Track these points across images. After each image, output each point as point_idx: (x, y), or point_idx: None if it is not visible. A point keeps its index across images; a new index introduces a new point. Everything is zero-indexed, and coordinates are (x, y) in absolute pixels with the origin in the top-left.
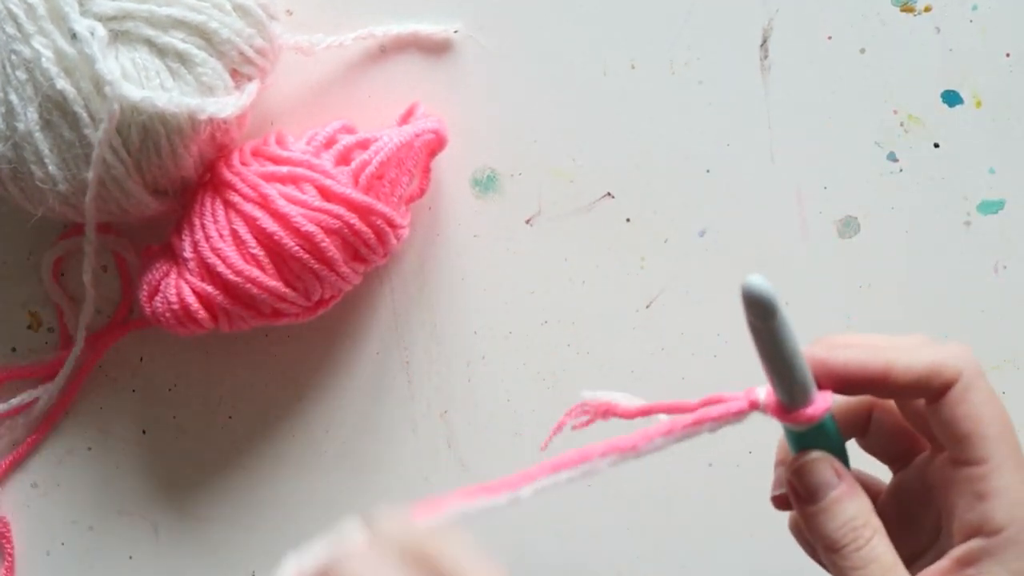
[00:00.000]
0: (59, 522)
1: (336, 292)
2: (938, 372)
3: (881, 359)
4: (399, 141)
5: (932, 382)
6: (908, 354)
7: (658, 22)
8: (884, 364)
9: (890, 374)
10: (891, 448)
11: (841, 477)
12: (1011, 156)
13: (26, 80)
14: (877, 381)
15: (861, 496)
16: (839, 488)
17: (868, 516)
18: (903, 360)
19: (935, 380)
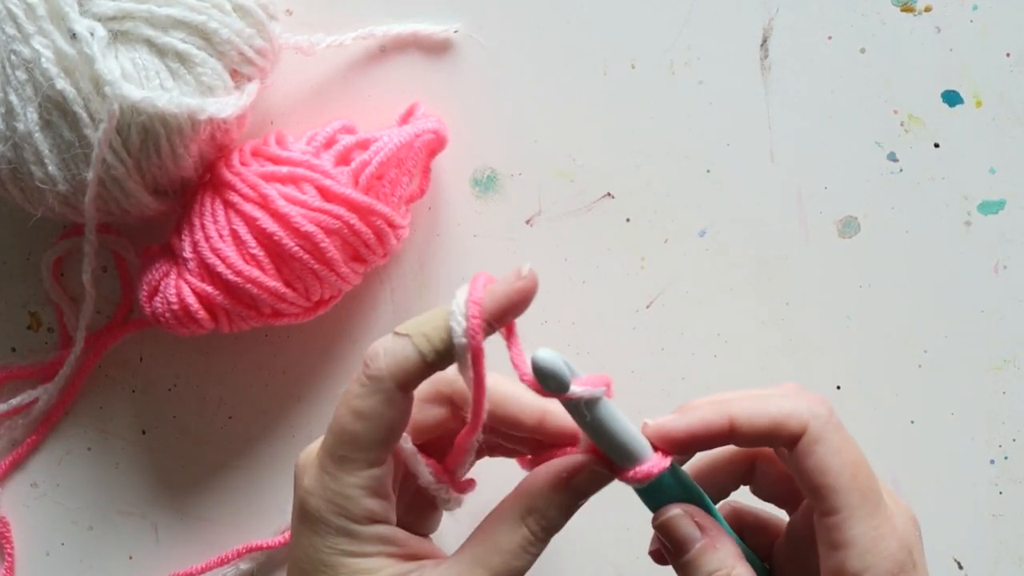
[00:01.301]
0: (59, 522)
1: (336, 292)
2: (782, 424)
3: (725, 415)
4: (399, 141)
5: (778, 434)
6: (753, 407)
7: (658, 22)
8: (727, 420)
9: (734, 428)
10: (779, 493)
11: (704, 530)
12: (1011, 156)
13: (26, 80)
14: (723, 435)
15: (725, 546)
16: (701, 542)
17: (731, 565)
18: (746, 414)
19: (781, 432)
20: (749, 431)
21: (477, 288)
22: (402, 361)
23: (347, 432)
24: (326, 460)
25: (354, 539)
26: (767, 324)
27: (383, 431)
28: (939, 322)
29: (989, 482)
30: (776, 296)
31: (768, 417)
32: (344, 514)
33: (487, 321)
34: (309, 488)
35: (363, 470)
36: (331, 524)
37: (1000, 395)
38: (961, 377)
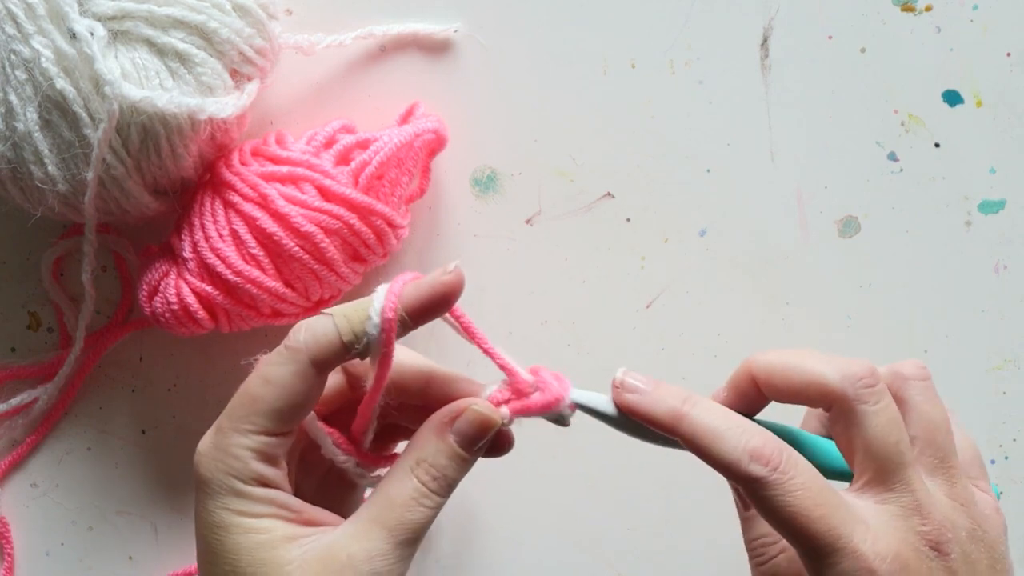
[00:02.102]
0: (59, 522)
1: (336, 292)
2: None
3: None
4: (399, 141)
5: None
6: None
7: (658, 22)
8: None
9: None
10: None
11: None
12: (1012, 156)
13: (26, 80)
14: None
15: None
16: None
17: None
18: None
19: None
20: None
21: (398, 281)
22: (320, 338)
23: (250, 394)
24: (223, 419)
25: (243, 498)
26: (767, 324)
27: (285, 401)
28: (939, 322)
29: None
30: (776, 296)
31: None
32: (232, 473)
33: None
34: (201, 450)
35: (256, 435)
36: (220, 484)
37: (1000, 395)
38: (961, 377)
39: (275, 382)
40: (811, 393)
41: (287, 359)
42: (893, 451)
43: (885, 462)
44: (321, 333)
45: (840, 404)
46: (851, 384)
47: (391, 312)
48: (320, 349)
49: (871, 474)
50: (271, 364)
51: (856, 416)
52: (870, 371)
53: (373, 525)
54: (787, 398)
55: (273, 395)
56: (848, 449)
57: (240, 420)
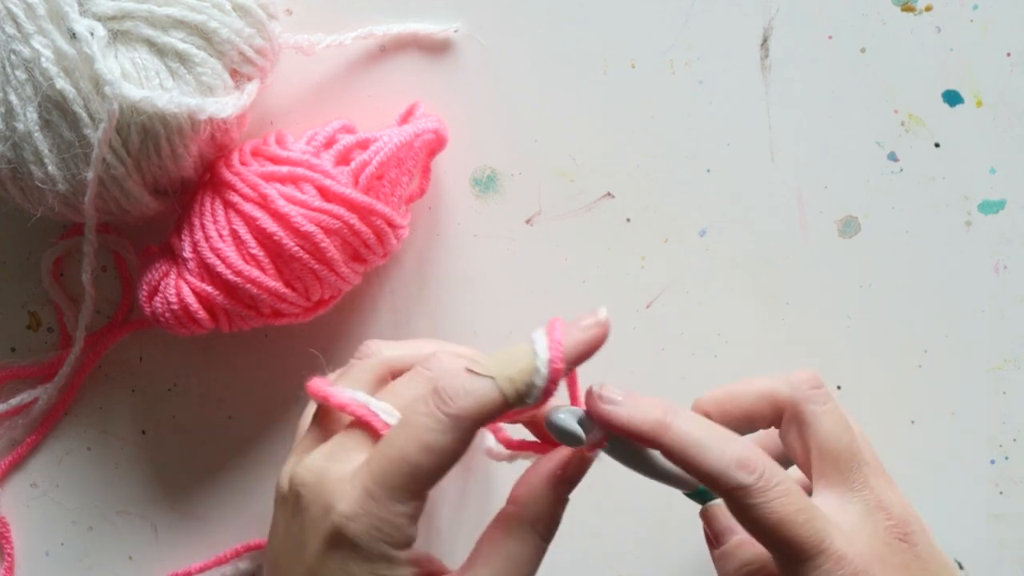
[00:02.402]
0: (59, 522)
1: (336, 292)
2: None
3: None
4: (399, 141)
5: None
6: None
7: (658, 22)
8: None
9: None
10: None
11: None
12: (1012, 156)
13: (25, 80)
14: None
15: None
16: (739, 535)
17: (763, 562)
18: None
19: None
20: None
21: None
22: (486, 403)
23: (410, 463)
24: (374, 486)
25: (392, 564)
26: (767, 324)
27: (448, 467)
28: (939, 322)
29: (989, 482)
30: (776, 296)
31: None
32: (388, 540)
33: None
34: (349, 514)
35: (416, 500)
36: (373, 550)
37: (1000, 395)
38: (961, 377)
39: (438, 451)
40: (762, 408)
41: (450, 427)
42: (847, 450)
43: (842, 462)
44: (488, 399)
45: (790, 410)
46: (798, 389)
47: (559, 363)
48: (485, 415)
49: (829, 475)
50: (431, 431)
51: (807, 418)
52: (814, 375)
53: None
54: (740, 423)
55: (437, 463)
56: (803, 454)
57: (400, 489)
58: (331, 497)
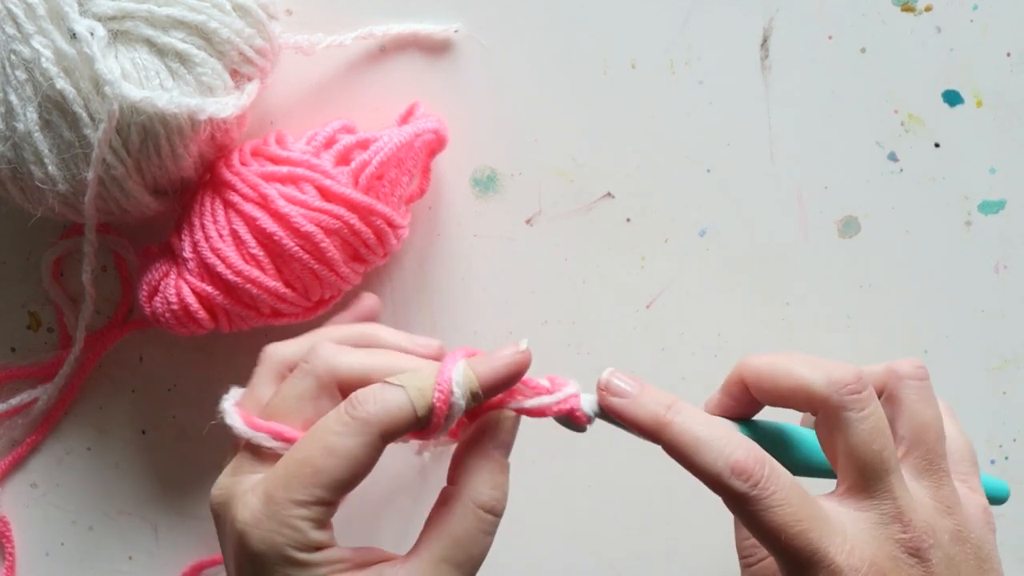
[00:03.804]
0: (59, 522)
1: (336, 292)
2: None
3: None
4: (399, 141)
5: None
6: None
7: (658, 22)
8: None
9: None
10: None
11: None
12: (1012, 156)
13: (26, 80)
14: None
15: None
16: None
17: None
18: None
19: None
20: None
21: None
22: (394, 411)
23: (312, 465)
24: (275, 489)
25: (302, 567)
26: (767, 324)
27: (350, 473)
28: (939, 322)
29: None
30: (776, 296)
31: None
32: (291, 544)
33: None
34: (248, 520)
35: (316, 505)
36: (278, 556)
37: (1000, 395)
38: (961, 377)
39: (341, 454)
40: (798, 398)
41: (355, 431)
42: (876, 459)
43: (867, 469)
44: (395, 406)
45: (825, 410)
46: (836, 390)
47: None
48: (392, 422)
49: (852, 480)
50: (335, 434)
51: (840, 422)
52: (856, 377)
53: (443, 564)
54: (776, 402)
55: (339, 467)
56: (832, 454)
57: (298, 491)
58: (235, 510)
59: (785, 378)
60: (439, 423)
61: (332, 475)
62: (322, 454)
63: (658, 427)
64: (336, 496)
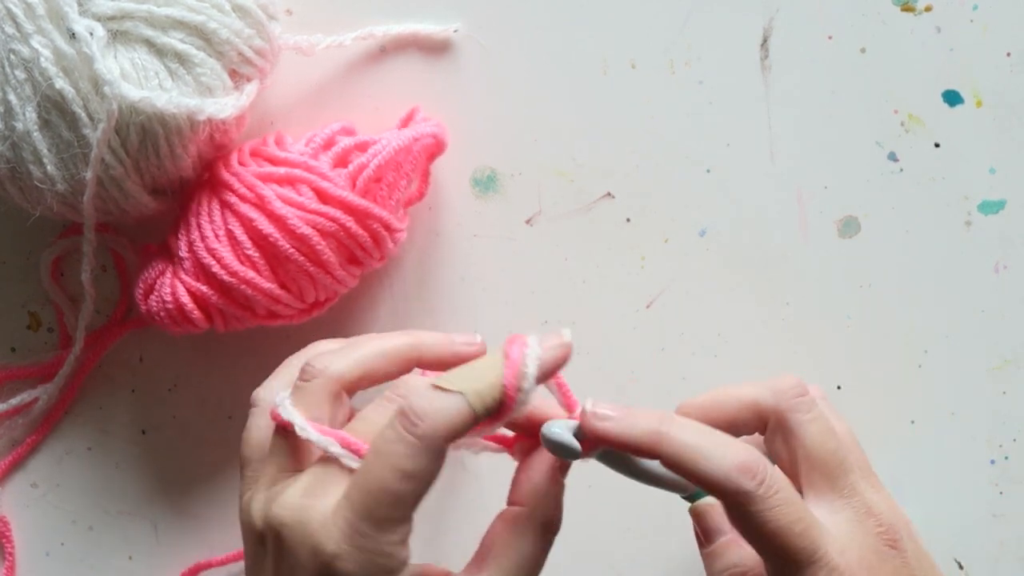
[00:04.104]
0: (59, 522)
1: (332, 294)
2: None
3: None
4: (397, 144)
5: None
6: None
7: (658, 22)
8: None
9: None
10: None
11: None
12: (1012, 156)
13: (25, 80)
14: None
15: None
16: (728, 536)
17: (749, 566)
18: None
19: None
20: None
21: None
22: (455, 420)
23: (391, 493)
24: (360, 522)
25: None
26: (767, 324)
27: (427, 488)
28: (939, 322)
29: (989, 482)
30: (776, 296)
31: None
32: (384, 571)
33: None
34: (339, 554)
35: (403, 525)
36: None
37: (1000, 395)
38: (961, 377)
39: (417, 475)
40: (746, 416)
41: (422, 450)
42: (833, 458)
43: (829, 470)
44: (456, 416)
45: (775, 418)
46: (782, 397)
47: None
48: (455, 432)
49: (818, 484)
50: (406, 458)
51: (792, 427)
52: (798, 382)
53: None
54: (724, 431)
55: (417, 488)
56: (790, 464)
57: (384, 520)
58: (317, 538)
59: (732, 402)
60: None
61: (410, 497)
62: (397, 480)
63: (654, 441)
64: (415, 509)
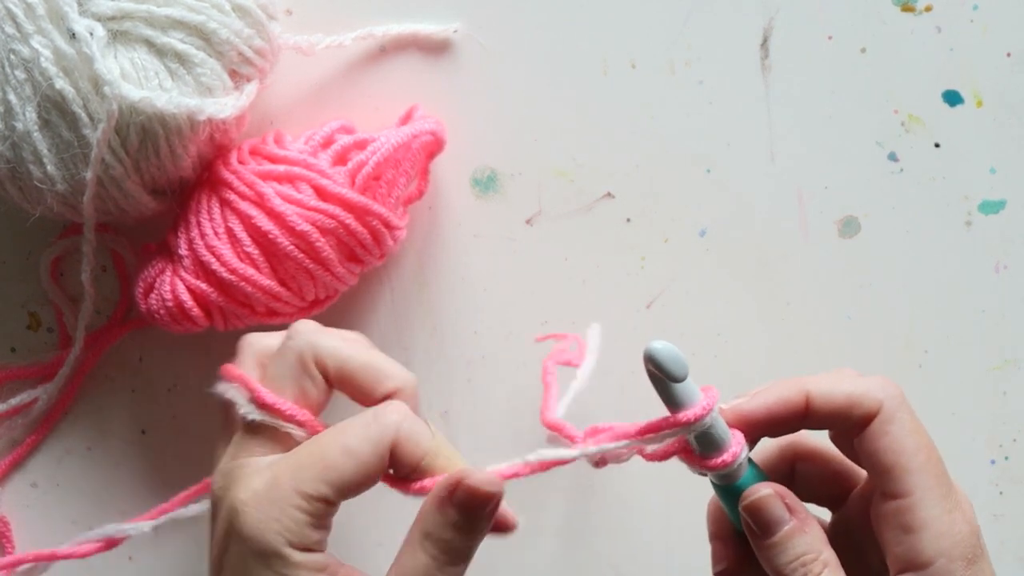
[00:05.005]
0: (59, 522)
1: (332, 292)
2: (858, 403)
3: (801, 392)
4: (396, 142)
5: (852, 413)
6: (828, 385)
7: (658, 22)
8: (804, 396)
9: (811, 406)
10: (821, 492)
11: (793, 512)
12: (1012, 156)
13: (25, 80)
14: (799, 414)
15: (813, 530)
16: (790, 524)
17: (819, 550)
18: (822, 390)
19: (855, 411)
20: (825, 408)
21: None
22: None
23: (325, 460)
24: (283, 475)
25: (289, 566)
26: (767, 324)
27: (361, 477)
28: (939, 322)
29: (989, 482)
30: (776, 296)
31: (844, 394)
32: (284, 536)
33: None
34: (247, 501)
35: (319, 501)
36: (268, 546)
37: (1000, 395)
38: (961, 377)
39: (357, 457)
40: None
41: (375, 436)
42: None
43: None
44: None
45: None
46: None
47: None
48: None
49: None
50: (356, 436)
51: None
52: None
53: None
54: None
55: (351, 468)
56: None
57: (306, 482)
58: (235, 489)
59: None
60: None
61: (342, 474)
62: (339, 452)
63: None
64: (340, 496)
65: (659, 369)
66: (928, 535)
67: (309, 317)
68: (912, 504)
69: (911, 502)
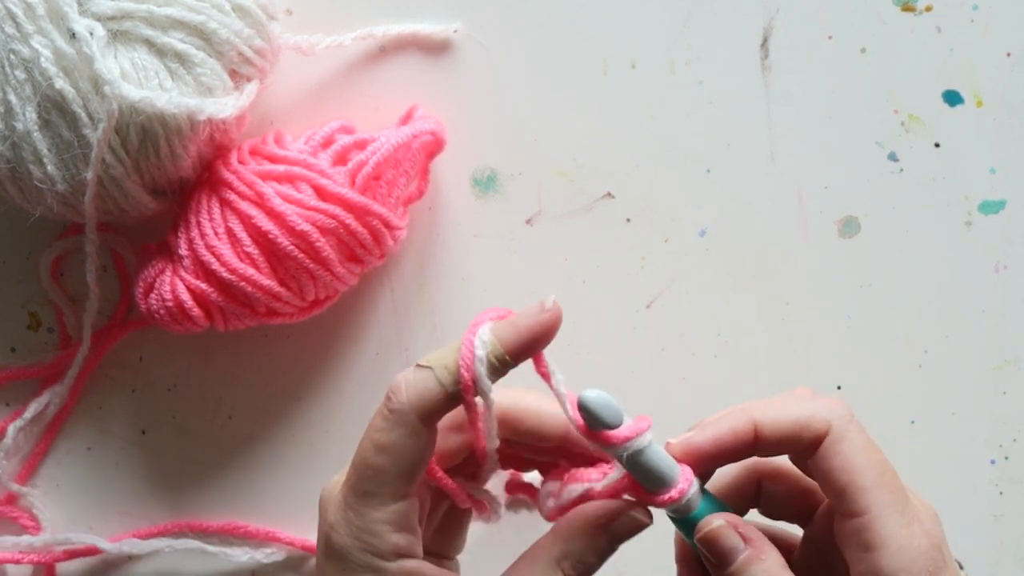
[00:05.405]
0: (59, 522)
1: (332, 292)
2: (806, 426)
3: (748, 421)
4: (396, 142)
5: (802, 436)
6: (775, 412)
7: (658, 22)
8: (751, 425)
9: (759, 433)
10: (789, 509)
11: (748, 541)
12: (1012, 156)
13: (25, 80)
14: (748, 443)
15: (770, 557)
16: (745, 553)
17: (778, 574)
18: (769, 417)
19: (804, 434)
20: (773, 435)
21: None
22: (424, 393)
23: (370, 466)
24: (349, 495)
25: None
26: (767, 324)
27: (407, 464)
28: (939, 322)
29: (989, 482)
30: (776, 296)
31: (791, 419)
32: (370, 550)
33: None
34: (334, 523)
35: (388, 505)
36: (357, 560)
37: (1000, 395)
38: (961, 377)
39: (390, 448)
40: (806, 434)
41: (395, 423)
42: (891, 471)
43: (895, 485)
44: (424, 388)
45: (832, 437)
46: (836, 414)
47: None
48: (425, 405)
49: (886, 500)
50: (380, 431)
51: (854, 443)
52: (842, 402)
53: None
54: (777, 446)
55: (391, 462)
56: (850, 478)
57: (367, 495)
58: (325, 505)
59: (785, 418)
60: (468, 394)
61: (388, 470)
62: (373, 453)
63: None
64: (402, 489)
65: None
66: (887, 552)
67: (309, 318)
68: (869, 522)
69: (868, 520)
